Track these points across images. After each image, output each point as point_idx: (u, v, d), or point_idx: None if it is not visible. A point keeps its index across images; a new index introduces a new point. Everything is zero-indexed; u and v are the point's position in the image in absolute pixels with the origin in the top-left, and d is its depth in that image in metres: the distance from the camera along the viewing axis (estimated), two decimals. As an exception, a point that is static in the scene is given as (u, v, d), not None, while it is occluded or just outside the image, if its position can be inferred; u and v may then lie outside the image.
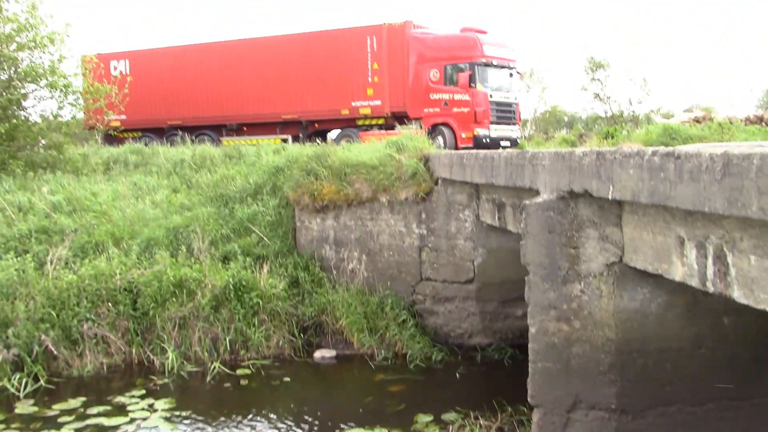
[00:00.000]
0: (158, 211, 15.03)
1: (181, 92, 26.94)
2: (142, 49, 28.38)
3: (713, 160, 4.36)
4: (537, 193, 7.38)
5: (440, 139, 21.45)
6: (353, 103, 23.42)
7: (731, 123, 19.78)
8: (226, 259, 13.63)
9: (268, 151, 17.74)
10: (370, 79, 23.02)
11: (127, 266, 12.85)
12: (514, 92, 22.98)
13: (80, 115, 19.91)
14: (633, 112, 41.41)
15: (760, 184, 3.93)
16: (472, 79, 21.52)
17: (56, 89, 18.69)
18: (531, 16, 77.88)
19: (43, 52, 18.67)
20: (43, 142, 19.24)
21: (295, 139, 23.89)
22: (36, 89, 19.01)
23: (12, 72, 18.47)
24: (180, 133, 25.42)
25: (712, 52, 73.59)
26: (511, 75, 22.84)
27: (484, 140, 21.23)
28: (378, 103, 22.87)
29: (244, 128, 26.00)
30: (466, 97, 21.59)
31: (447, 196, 12.50)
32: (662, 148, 5.22)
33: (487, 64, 21.83)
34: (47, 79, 18.59)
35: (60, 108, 19.16)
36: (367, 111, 23.11)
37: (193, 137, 25.00)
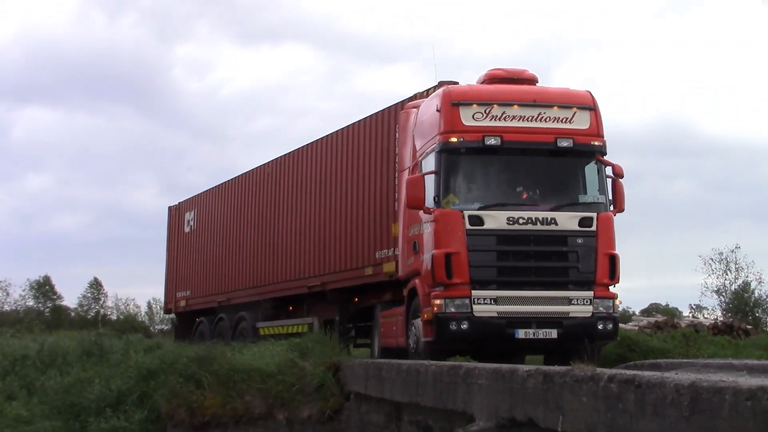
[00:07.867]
0: (-16, 426, 14.32)
1: (225, 254, 22.83)
2: (205, 191, 25.46)
3: (679, 393, 4.49)
4: (472, 418, 7.38)
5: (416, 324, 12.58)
6: (378, 254, 15.39)
7: (697, 332, 20.56)
8: (71, 493, 12.89)
9: (138, 348, 17.34)
10: (397, 206, 14.48)
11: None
12: (572, 210, 12.28)
13: None
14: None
15: (736, 425, 4.04)
16: (438, 185, 12.10)
17: None
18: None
19: None
20: None
21: (329, 324, 16.93)
22: None
23: None
24: (223, 317, 22.09)
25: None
26: (600, 165, 12.50)
27: (452, 326, 11.51)
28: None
29: (290, 307, 20.12)
30: (429, 229, 12.28)
31: (360, 415, 12.29)
32: (620, 373, 5.36)
33: (476, 150, 12.14)
34: None
35: None
36: (392, 267, 14.56)
37: (234, 323, 21.63)
